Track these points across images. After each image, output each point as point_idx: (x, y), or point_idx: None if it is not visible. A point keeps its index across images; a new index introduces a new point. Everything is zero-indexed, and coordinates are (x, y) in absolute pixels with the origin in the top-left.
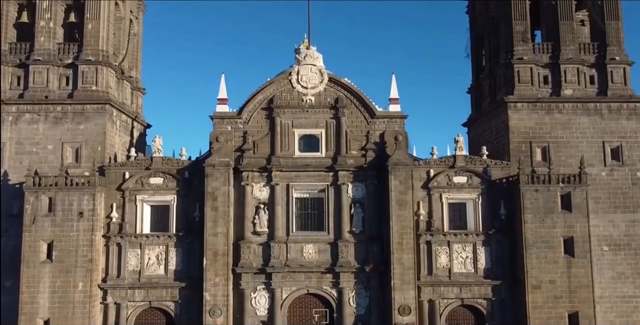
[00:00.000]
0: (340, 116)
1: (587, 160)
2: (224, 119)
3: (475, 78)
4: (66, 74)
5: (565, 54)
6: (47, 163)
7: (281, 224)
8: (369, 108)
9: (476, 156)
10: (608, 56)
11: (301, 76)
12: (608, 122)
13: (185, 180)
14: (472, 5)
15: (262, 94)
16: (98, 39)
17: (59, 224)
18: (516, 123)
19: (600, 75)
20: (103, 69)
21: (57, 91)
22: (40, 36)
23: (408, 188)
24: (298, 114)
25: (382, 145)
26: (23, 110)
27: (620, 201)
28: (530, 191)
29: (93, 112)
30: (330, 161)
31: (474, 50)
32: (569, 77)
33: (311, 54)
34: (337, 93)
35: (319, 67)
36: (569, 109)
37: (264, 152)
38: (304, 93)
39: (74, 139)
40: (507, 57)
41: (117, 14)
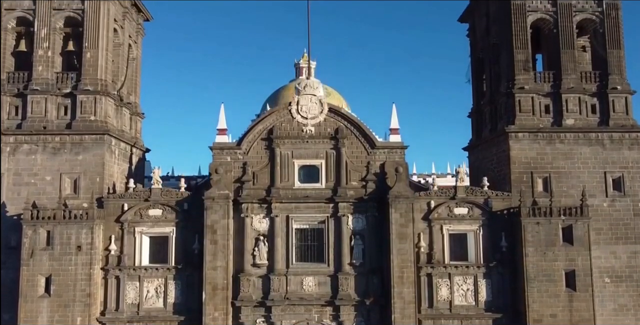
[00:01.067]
0: (341, 147)
1: (589, 191)
2: (223, 149)
3: (476, 102)
4: (64, 103)
5: (567, 83)
6: (46, 194)
7: (281, 256)
8: (369, 138)
9: (477, 187)
10: (610, 85)
11: (301, 106)
12: (610, 152)
13: (185, 212)
14: (473, 29)
15: (262, 124)
16: (97, 68)
17: (57, 258)
18: (517, 153)
19: (601, 104)
20: (102, 98)
21: (56, 121)
22: (39, 65)
23: (409, 221)
24: (298, 145)
25: (382, 176)
26: (21, 141)
27: (622, 232)
28: (531, 224)
29: (91, 143)
30: (331, 192)
31: (474, 74)
32: (570, 107)
33: (311, 84)
34: (337, 123)
35: (319, 97)
36: (570, 139)
37: (263, 183)
38: (304, 123)
39: (72, 170)
40: (508, 86)
41: (116, 40)
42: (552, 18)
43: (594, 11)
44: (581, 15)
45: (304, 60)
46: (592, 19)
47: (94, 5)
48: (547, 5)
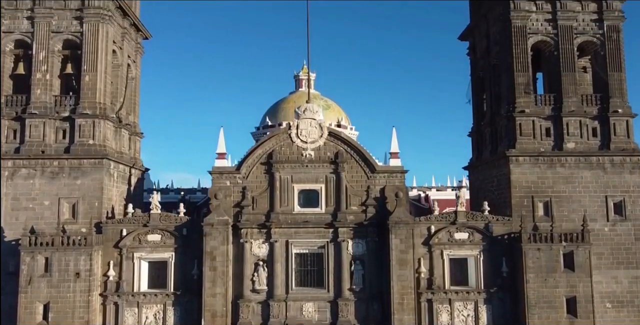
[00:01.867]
0: (340, 171)
1: (590, 215)
2: (222, 174)
3: (476, 122)
4: (63, 127)
5: (568, 106)
6: (44, 219)
7: (280, 281)
8: (369, 162)
9: (477, 212)
10: (611, 108)
11: (301, 130)
12: (611, 176)
13: (184, 237)
14: (473, 47)
15: (262, 148)
16: (95, 91)
17: (56, 285)
18: (518, 177)
19: (602, 127)
20: (100, 122)
21: (54, 145)
22: (37, 89)
23: (409, 247)
24: (298, 169)
25: (382, 201)
26: (19, 165)
27: (623, 257)
28: (532, 250)
29: (90, 167)
30: (330, 217)
31: (475, 92)
32: (571, 130)
33: (311, 108)
34: (337, 147)
35: (319, 121)
36: (571, 162)
37: (263, 208)
38: (303, 147)
39: (70, 194)
40: (509, 109)
41: (115, 61)
42: (553, 40)
43: (595, 33)
44: (582, 38)
45: (304, 72)
46: (593, 41)
47: (93, 28)
48: (547, 28)
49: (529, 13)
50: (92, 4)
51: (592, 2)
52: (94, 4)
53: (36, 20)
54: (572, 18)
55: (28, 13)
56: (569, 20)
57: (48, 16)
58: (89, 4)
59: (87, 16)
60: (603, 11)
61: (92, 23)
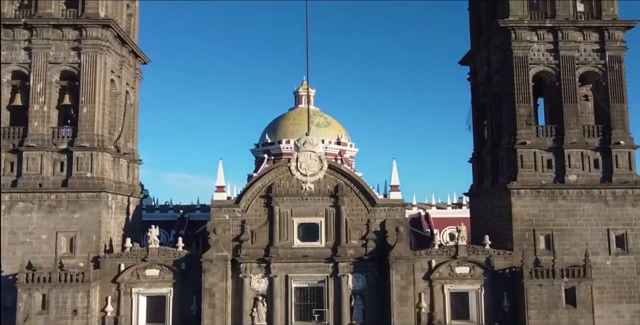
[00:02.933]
0: (340, 205)
1: (592, 249)
2: (221, 207)
3: (477, 148)
4: (60, 159)
5: (569, 137)
6: (41, 253)
7: (280, 317)
8: (369, 196)
9: (478, 246)
10: (613, 140)
11: (300, 163)
12: (613, 209)
13: (182, 272)
14: (474, 73)
15: (261, 181)
16: (93, 123)
17: (53, 322)
18: (519, 210)
19: (604, 159)
20: (98, 154)
21: (52, 177)
22: (34, 121)
23: (410, 283)
24: (297, 202)
25: (382, 234)
26: (16, 199)
27: (625, 291)
28: (534, 286)
29: (88, 200)
30: (330, 252)
31: (475, 118)
32: (573, 162)
33: (310, 141)
34: (336, 180)
35: (319, 154)
36: (573, 195)
37: (262, 242)
38: (303, 181)
39: (68, 228)
40: (510, 140)
41: (113, 90)
42: (555, 71)
43: (596, 64)
44: (584, 68)
45: (303, 89)
46: (595, 71)
47: (91, 59)
48: (549, 58)
49: (530, 43)
50: (90, 35)
51: (593, 32)
52: (92, 34)
53: (34, 51)
54: (573, 48)
55: (25, 44)
56: (571, 51)
57: (46, 47)
58: (87, 35)
59: (84, 47)
60: (605, 41)
61: (90, 54)
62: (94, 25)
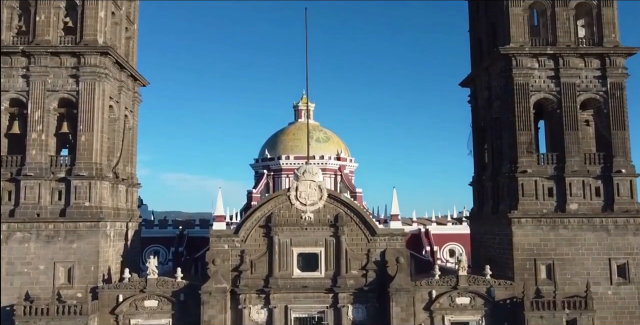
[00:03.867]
0: (340, 234)
1: (593, 278)
2: (220, 237)
3: (478, 171)
4: (58, 188)
5: (571, 166)
6: (39, 284)
7: None
8: (369, 225)
9: (479, 275)
10: (614, 168)
11: (300, 192)
12: (614, 238)
13: (181, 303)
14: (474, 96)
15: (260, 211)
16: (91, 152)
17: None
18: (520, 239)
19: (606, 187)
20: (97, 183)
21: (49, 207)
22: (32, 149)
23: (410, 315)
24: (297, 232)
25: (382, 264)
26: (14, 229)
27: (627, 321)
28: (535, 318)
29: (86, 230)
30: (330, 282)
31: (476, 141)
32: (574, 191)
33: (310, 170)
34: (336, 209)
35: (318, 183)
36: (574, 224)
37: (261, 272)
38: (303, 210)
39: (66, 259)
40: (511, 168)
41: (112, 115)
42: (556, 98)
43: (598, 91)
44: (585, 95)
45: (303, 103)
46: (596, 98)
47: (89, 87)
48: (550, 85)
49: (531, 70)
50: (89, 62)
51: (595, 58)
52: (90, 62)
53: (31, 78)
54: (575, 75)
55: (23, 71)
56: (572, 78)
57: (44, 74)
58: (85, 62)
59: (83, 75)
60: (606, 68)
61: (89, 82)
62: (93, 52)
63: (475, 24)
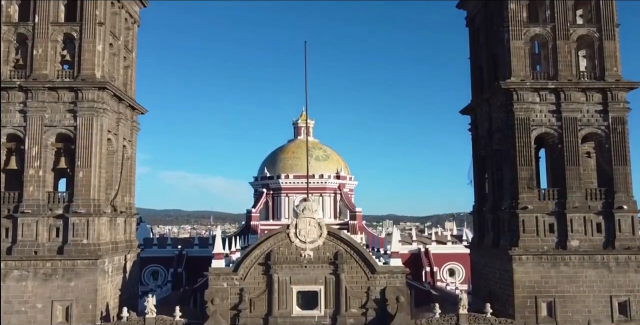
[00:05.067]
0: (340, 272)
1: (594, 316)
2: (219, 275)
3: (478, 200)
4: (56, 225)
5: (572, 202)
6: (37, 323)
7: None
8: (369, 263)
9: (480, 314)
10: (616, 204)
11: (299, 230)
12: (616, 275)
13: None
14: (474, 124)
15: (259, 248)
16: (89, 188)
17: None
18: (521, 276)
19: (607, 223)
20: (94, 220)
21: (47, 244)
22: (29, 185)
23: None
24: (296, 270)
25: (382, 302)
26: (11, 267)
27: None
28: None
29: (84, 268)
30: (330, 321)
31: (476, 170)
32: (575, 227)
33: (309, 207)
34: (336, 247)
35: (318, 220)
36: (575, 261)
37: (261, 311)
38: (302, 248)
39: (64, 297)
40: (512, 204)
41: (110, 148)
42: (557, 132)
43: (599, 125)
44: (587, 130)
45: (302, 120)
46: (598, 133)
47: (87, 122)
48: (551, 119)
49: (532, 104)
50: (86, 97)
51: (596, 92)
52: (88, 97)
53: (29, 114)
54: (576, 110)
55: (20, 106)
56: (574, 112)
57: (41, 110)
58: (83, 97)
59: (80, 110)
60: (608, 102)
61: (86, 117)
62: (90, 87)
63: (476, 51)
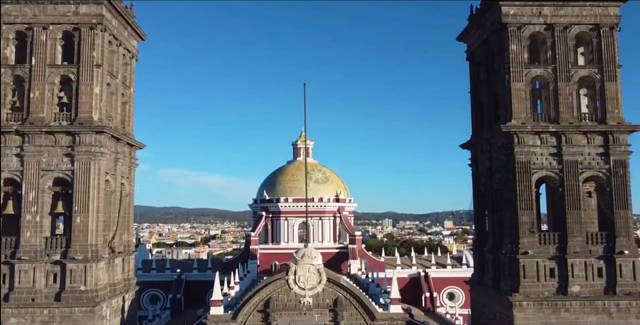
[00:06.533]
0: (340, 319)
1: None
2: (218, 322)
3: (479, 239)
4: (54, 271)
5: (573, 246)
6: None
7: None
8: (368, 310)
9: None
10: (617, 249)
11: (299, 276)
12: (617, 321)
13: None
14: (475, 161)
15: (258, 295)
16: (87, 234)
17: None
18: (522, 322)
19: (608, 267)
20: (92, 265)
21: (44, 290)
22: (27, 231)
23: None
24: (295, 317)
25: None
26: (9, 314)
27: None
28: None
29: (82, 315)
30: None
31: (476, 206)
32: (576, 272)
33: (309, 254)
34: (335, 294)
35: (317, 266)
36: (576, 307)
37: None
38: (301, 294)
39: None
40: (512, 249)
41: (107, 189)
42: (558, 176)
43: (600, 168)
44: (588, 173)
45: (301, 141)
46: (599, 176)
47: (84, 166)
48: (552, 162)
49: (533, 147)
50: (84, 141)
51: (597, 135)
52: (85, 140)
53: (25, 158)
54: (577, 153)
55: (17, 150)
56: (575, 155)
57: (38, 154)
58: (80, 141)
59: (78, 154)
60: (609, 145)
61: (84, 161)
62: (88, 131)
63: (476, 86)
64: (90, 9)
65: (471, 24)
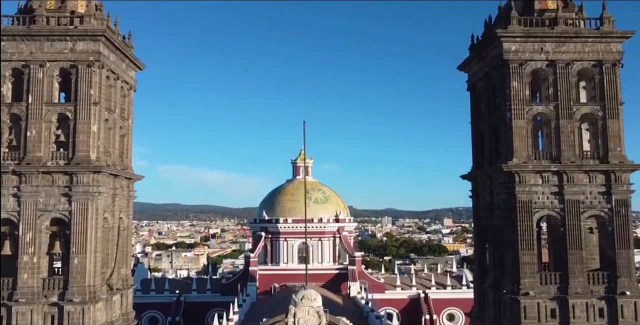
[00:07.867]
0: None
1: None
2: None
3: (480, 273)
4: (51, 312)
5: (574, 287)
6: None
7: None
8: None
9: None
10: (618, 289)
11: (298, 319)
12: None
13: None
14: (475, 193)
15: None
16: (85, 275)
17: None
18: None
19: (609, 307)
20: (90, 307)
21: None
22: (24, 272)
23: None
24: None
25: None
26: None
27: None
28: None
29: None
30: None
31: (478, 239)
32: (577, 313)
33: (308, 296)
34: None
35: (317, 308)
36: None
37: None
38: None
39: None
40: (513, 289)
41: (105, 225)
42: (559, 215)
43: (602, 207)
44: (590, 212)
45: (301, 159)
46: (601, 215)
47: (82, 207)
48: (554, 201)
49: (535, 186)
50: (81, 181)
51: (599, 173)
52: (83, 180)
53: (22, 198)
54: (579, 192)
55: (14, 190)
56: (577, 195)
57: (35, 194)
58: (77, 181)
59: (75, 194)
60: (612, 184)
61: (81, 201)
62: (85, 171)
63: (477, 117)
64: (88, 45)
65: (472, 56)
